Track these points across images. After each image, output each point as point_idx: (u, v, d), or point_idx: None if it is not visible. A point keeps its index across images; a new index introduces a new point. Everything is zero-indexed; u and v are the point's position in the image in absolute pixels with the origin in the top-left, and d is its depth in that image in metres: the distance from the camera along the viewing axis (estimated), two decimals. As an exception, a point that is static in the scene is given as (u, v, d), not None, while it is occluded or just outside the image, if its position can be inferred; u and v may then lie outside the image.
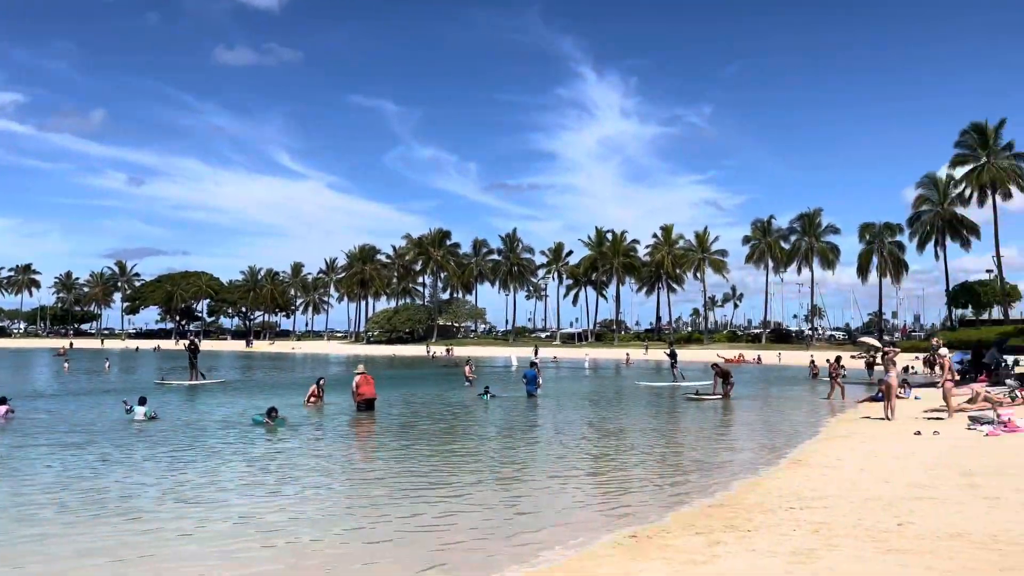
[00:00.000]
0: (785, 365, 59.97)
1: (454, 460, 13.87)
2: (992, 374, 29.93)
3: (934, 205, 76.01)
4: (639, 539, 7.91)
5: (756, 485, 10.99)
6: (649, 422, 20.80)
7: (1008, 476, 10.36)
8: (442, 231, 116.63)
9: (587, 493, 11.02)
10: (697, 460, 14.03)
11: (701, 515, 9.08)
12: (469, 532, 8.63)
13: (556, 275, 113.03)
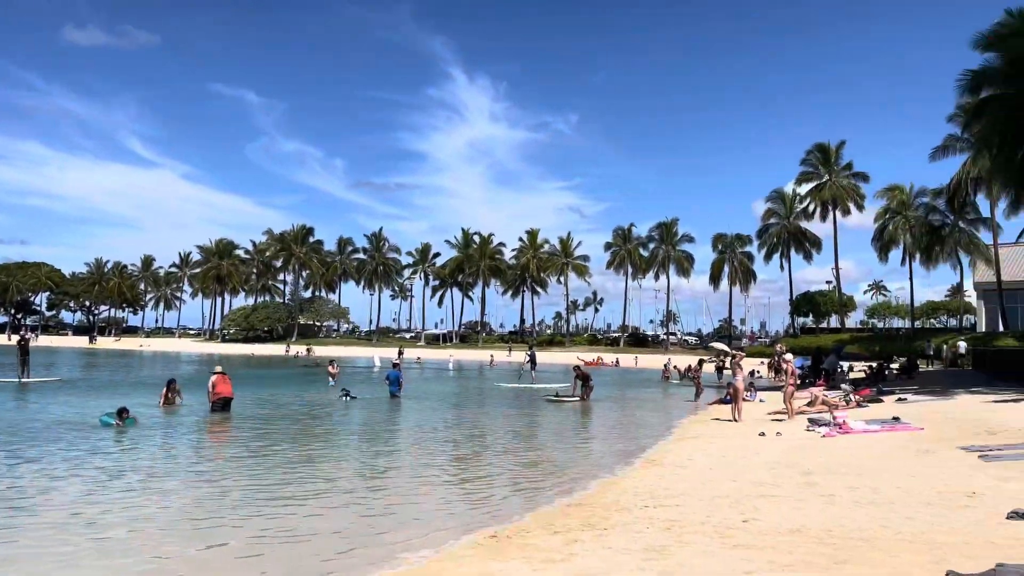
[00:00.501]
0: (642, 368, 62.04)
1: (313, 462, 13.54)
2: (830, 379, 31.99)
3: (781, 219, 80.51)
4: (499, 539, 7.96)
5: (613, 484, 11.29)
6: (510, 423, 21.01)
7: (841, 475, 11.06)
8: (305, 227, 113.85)
9: (449, 494, 11.01)
10: (557, 460, 14.29)
11: (560, 514, 9.24)
12: (327, 536, 8.45)
13: (422, 276, 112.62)
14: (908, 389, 28.07)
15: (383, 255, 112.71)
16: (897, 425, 16.92)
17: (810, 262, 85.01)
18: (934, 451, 12.95)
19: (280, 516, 9.28)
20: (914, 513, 8.35)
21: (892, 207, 66.40)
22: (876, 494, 9.54)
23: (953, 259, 63.65)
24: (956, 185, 54.70)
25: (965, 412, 19.09)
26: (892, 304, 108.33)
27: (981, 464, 11.42)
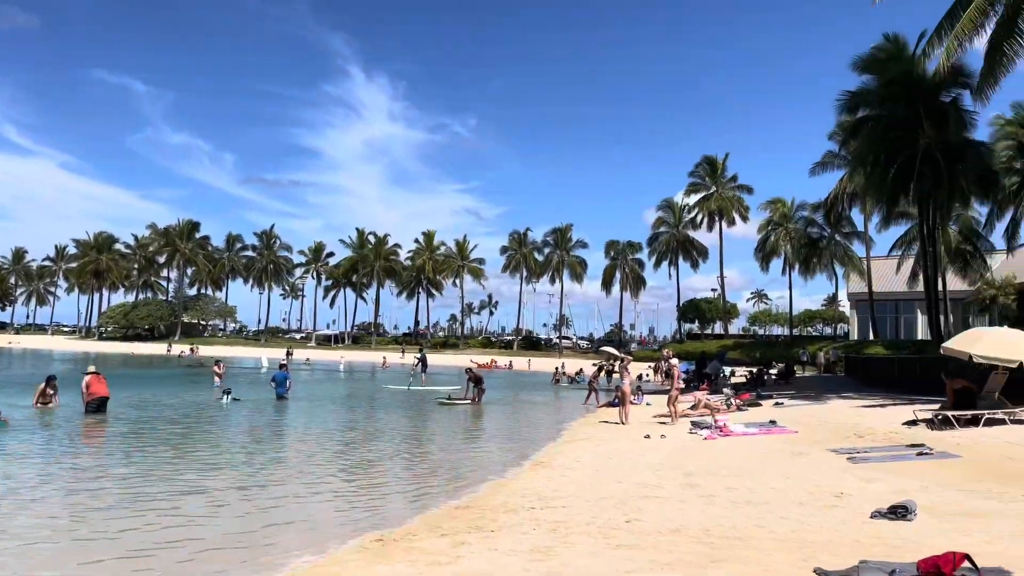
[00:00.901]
0: (535, 371, 62.63)
1: (193, 466, 13.08)
2: (712, 383, 33.08)
3: (670, 227, 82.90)
4: (385, 542, 7.89)
5: (502, 487, 11.36)
6: (401, 426, 20.85)
7: (720, 476, 11.46)
8: (192, 222, 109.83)
9: (336, 498, 10.83)
10: (447, 463, 14.28)
11: (448, 517, 9.23)
12: (209, 542, 8.18)
13: (315, 275, 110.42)
14: (785, 394, 29.37)
15: (274, 253, 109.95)
16: (774, 428, 17.67)
17: (697, 270, 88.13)
18: (807, 453, 13.58)
19: (157, 525, 8.91)
20: (787, 513, 8.72)
21: (774, 219, 69.34)
22: (752, 494, 9.92)
23: (829, 270, 67.09)
24: (833, 200, 57.60)
25: (836, 416, 20.11)
26: (772, 312, 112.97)
27: (849, 466, 12.05)
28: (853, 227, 62.79)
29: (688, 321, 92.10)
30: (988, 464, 11.76)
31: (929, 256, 37.78)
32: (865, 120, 36.94)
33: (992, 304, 45.06)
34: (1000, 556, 6.50)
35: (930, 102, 33.62)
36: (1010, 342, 17.10)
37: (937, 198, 34.71)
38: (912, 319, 59.94)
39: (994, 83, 27.25)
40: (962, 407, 16.44)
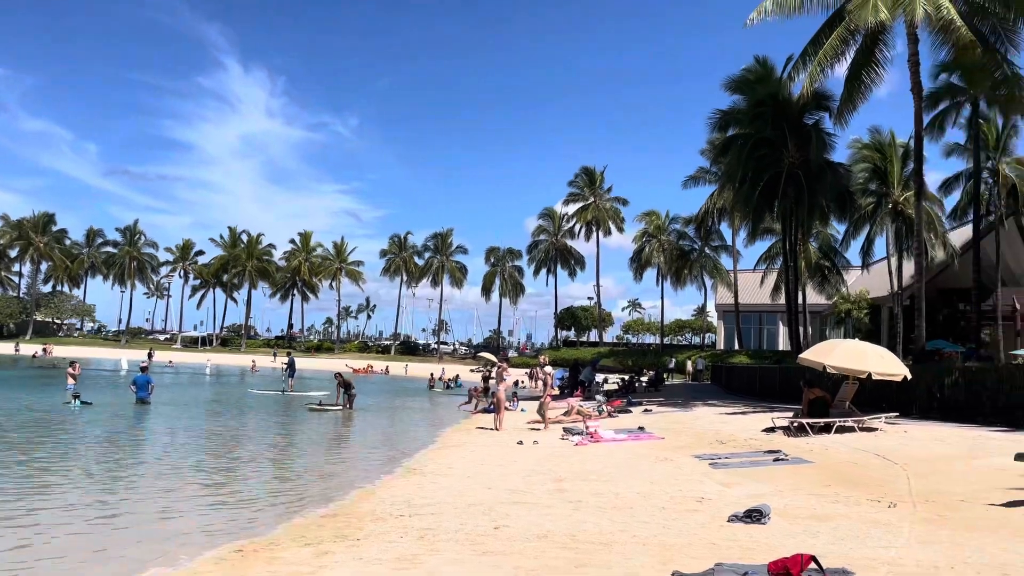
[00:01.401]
0: (412, 376, 62.17)
1: (39, 475, 12.26)
2: (586, 390, 33.71)
3: (550, 236, 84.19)
4: (245, 553, 7.60)
5: (371, 494, 11.16)
6: (268, 432, 20.26)
7: (589, 481, 11.65)
8: (47, 215, 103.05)
9: (197, 507, 10.36)
10: (316, 470, 13.93)
11: (313, 525, 8.99)
12: (54, 556, 7.66)
13: (182, 274, 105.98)
14: (654, 401, 30.23)
15: (137, 249, 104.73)
16: (642, 435, 18.14)
17: (574, 278, 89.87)
18: (672, 459, 13.99)
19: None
20: (650, 517, 8.93)
21: (649, 231, 71.49)
22: (619, 499, 10.12)
23: (699, 282, 69.81)
24: (704, 214, 59.97)
25: (701, 423, 20.83)
26: (645, 321, 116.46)
27: (711, 471, 12.48)
28: (722, 241, 65.64)
29: (565, 328, 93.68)
30: (837, 469, 12.42)
31: (791, 270, 39.78)
32: (735, 138, 38.60)
33: (847, 317, 47.87)
34: (844, 557, 6.85)
35: (795, 124, 35.46)
36: (861, 354, 18.14)
37: (799, 215, 36.61)
38: (774, 330, 63.03)
39: (852, 108, 29.04)
40: (816, 415, 17.32)
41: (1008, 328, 40.93)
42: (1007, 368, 21.19)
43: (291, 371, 36.34)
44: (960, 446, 14.36)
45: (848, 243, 46.51)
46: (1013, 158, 39.83)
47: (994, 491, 10.00)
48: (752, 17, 27.42)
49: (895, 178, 41.49)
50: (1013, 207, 40.81)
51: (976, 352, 30.78)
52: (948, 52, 26.74)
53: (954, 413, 19.39)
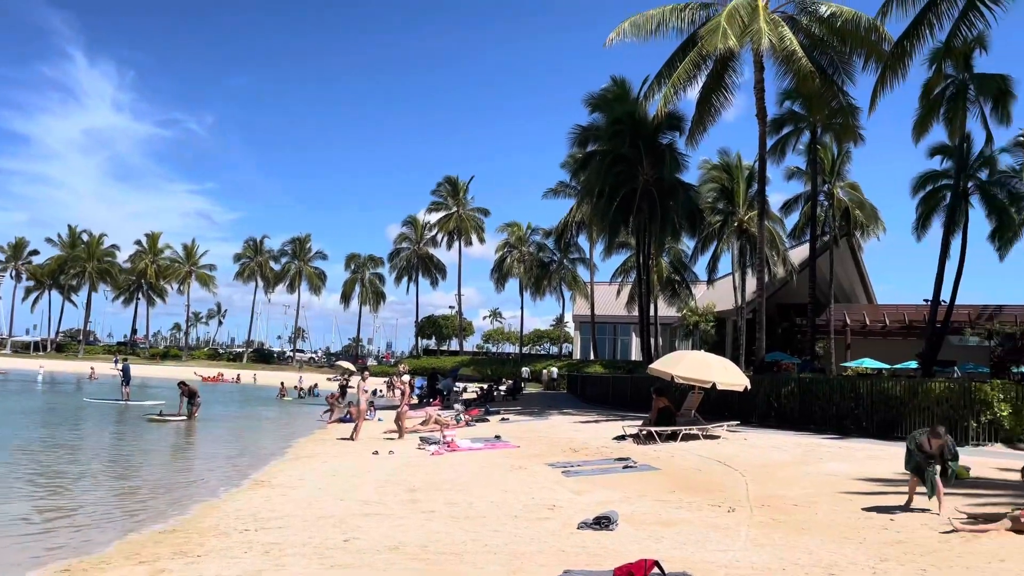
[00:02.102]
0: (264, 385, 60.22)
1: None
2: (445, 399, 33.67)
3: (412, 244, 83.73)
4: (72, 573, 7.11)
5: (214, 508, 10.67)
6: (107, 443, 19.09)
7: (444, 491, 11.60)
8: None
9: (22, 524, 9.61)
10: (155, 484, 13.19)
11: (150, 542, 8.50)
12: None
13: (14, 274, 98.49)
14: (512, 409, 30.56)
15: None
16: (498, 443, 18.26)
17: (436, 287, 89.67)
18: (526, 467, 14.14)
19: None
20: (502, 526, 8.98)
21: (510, 242, 72.39)
22: (472, 509, 10.12)
23: (558, 293, 71.27)
24: (563, 227, 61.27)
25: (556, 432, 21.20)
26: (505, 330, 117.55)
27: (563, 479, 12.70)
28: (581, 253, 67.25)
29: (426, 337, 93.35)
30: (681, 476, 12.91)
31: (644, 284, 41.21)
32: (593, 154, 39.72)
33: (695, 329, 50.11)
34: (685, 561, 7.11)
35: (650, 142, 36.82)
36: (706, 365, 19.00)
37: (652, 231, 38.02)
38: (628, 341, 65.11)
39: (703, 130, 30.51)
40: (664, 423, 17.97)
41: (839, 341, 44.02)
42: (837, 379, 22.75)
43: (126, 379, 33.94)
44: (794, 453, 15.25)
45: (697, 258, 48.81)
46: (846, 182, 42.96)
47: (824, 495, 10.67)
48: (611, 38, 28.32)
49: (741, 198, 43.85)
50: (846, 228, 43.96)
51: (811, 364, 32.86)
52: (791, 81, 28.59)
53: (790, 421, 20.61)
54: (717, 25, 25.28)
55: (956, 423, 16.65)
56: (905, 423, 17.67)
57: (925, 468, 9.26)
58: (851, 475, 12.25)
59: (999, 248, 36.97)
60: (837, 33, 27.19)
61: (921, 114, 28.45)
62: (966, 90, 28.88)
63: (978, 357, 40.13)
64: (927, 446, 9.30)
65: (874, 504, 9.80)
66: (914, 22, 21.77)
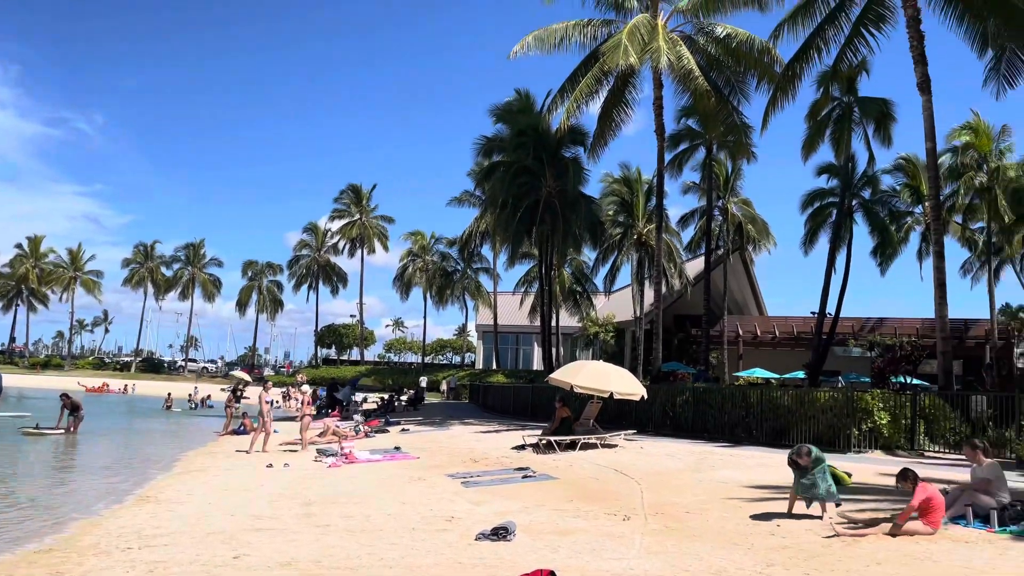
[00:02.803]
0: (155, 395, 57.87)
1: None
2: (344, 409, 33.07)
3: (313, 251, 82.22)
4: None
5: (95, 526, 10.15)
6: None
7: (340, 504, 11.37)
8: None
9: None
10: (30, 501, 12.45)
11: (22, 563, 8.02)
12: None
13: None
14: (413, 420, 30.30)
15: None
16: (397, 454, 18.06)
17: (337, 295, 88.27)
18: (425, 478, 14.02)
19: None
20: (399, 539, 8.85)
21: (414, 250, 71.98)
22: (368, 522, 9.95)
23: (461, 302, 71.16)
24: (468, 236, 61.32)
25: (457, 442, 21.11)
26: (408, 340, 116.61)
27: (462, 490, 12.64)
28: (484, 263, 67.40)
29: (326, 346, 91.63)
30: (579, 485, 13.04)
31: (546, 294, 41.63)
32: (498, 165, 39.95)
33: (595, 339, 50.88)
34: (581, 570, 7.17)
35: (553, 155, 37.32)
36: (604, 374, 19.29)
37: (555, 242, 38.48)
38: (530, 350, 65.57)
39: (604, 144, 31.15)
40: (563, 432, 18.14)
41: (732, 351, 45.48)
42: (729, 389, 23.48)
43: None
44: (688, 461, 15.63)
45: (598, 270, 49.54)
46: (740, 198, 44.51)
47: (715, 503, 10.96)
48: (515, 50, 28.60)
49: (640, 211, 44.91)
50: (739, 242, 45.51)
51: (705, 373, 33.82)
52: (688, 98, 29.50)
53: (685, 430, 21.14)
54: (618, 42, 25.85)
55: (839, 431, 17.42)
56: (793, 431, 18.37)
57: (799, 481, 9.63)
58: (741, 482, 12.62)
59: (880, 263, 39.14)
60: (732, 54, 28.20)
61: (809, 134, 29.80)
62: (851, 112, 30.47)
63: (860, 367, 42.12)
64: (800, 462, 9.68)
65: (762, 511, 10.12)
66: (804, 46, 22.75)
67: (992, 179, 37.65)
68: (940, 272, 21.12)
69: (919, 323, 40.67)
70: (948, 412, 17.52)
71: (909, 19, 20.91)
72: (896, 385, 25.88)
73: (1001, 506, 9.01)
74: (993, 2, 19.58)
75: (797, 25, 22.91)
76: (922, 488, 8.58)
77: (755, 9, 26.50)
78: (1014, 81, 20.81)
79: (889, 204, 38.96)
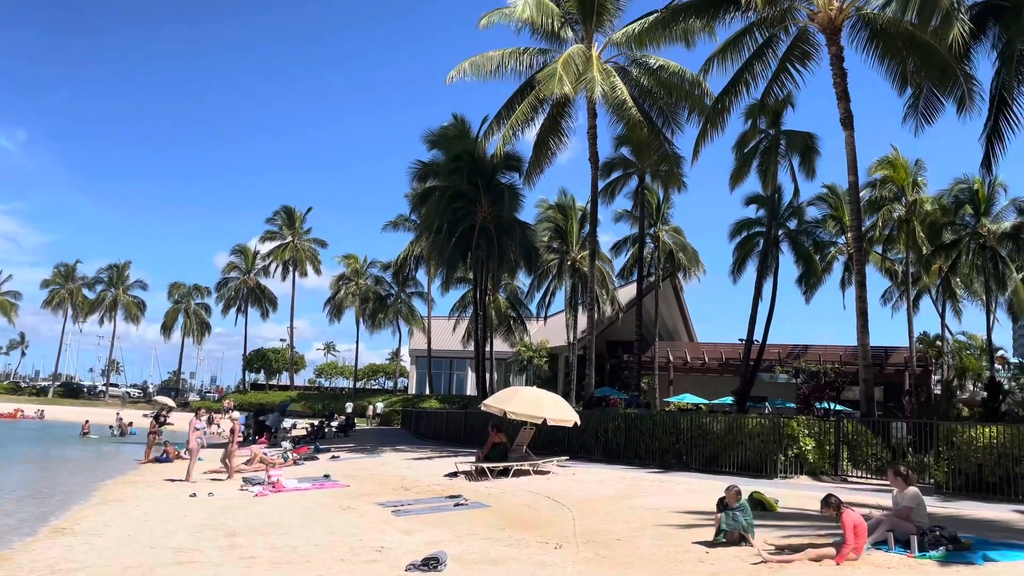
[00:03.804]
0: (73, 421, 55.71)
1: None
2: (272, 436, 32.35)
3: (242, 273, 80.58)
4: None
5: (6, 559, 9.69)
6: None
7: (267, 535, 11.07)
8: None
9: None
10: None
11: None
12: None
13: None
14: (344, 447, 29.76)
15: None
16: (327, 482, 17.71)
17: (267, 319, 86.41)
18: (355, 507, 13.76)
19: None
20: (327, 570, 8.66)
21: (347, 274, 71.13)
22: (295, 553, 9.71)
23: (394, 326, 70.41)
24: (402, 260, 60.90)
25: (388, 469, 20.81)
26: (339, 364, 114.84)
27: (393, 518, 12.45)
28: (419, 287, 66.94)
29: (254, 371, 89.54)
30: (512, 512, 12.96)
31: (480, 319, 41.55)
32: (433, 189, 39.87)
33: (529, 365, 50.91)
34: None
35: (489, 180, 37.43)
36: (537, 400, 19.28)
37: (490, 267, 38.50)
38: (464, 376, 65.18)
39: (539, 171, 31.41)
40: (496, 458, 18.02)
41: (663, 377, 46.06)
42: (660, 415, 23.71)
43: None
44: (619, 487, 15.70)
45: (532, 295, 49.71)
46: (671, 226, 45.30)
47: (646, 529, 11.01)
48: (452, 75, 28.69)
49: (574, 238, 45.34)
50: (670, 270, 46.26)
51: (637, 399, 34.11)
52: (622, 128, 29.99)
53: (617, 456, 21.23)
54: (554, 71, 26.13)
55: (766, 457, 17.72)
56: (723, 457, 18.63)
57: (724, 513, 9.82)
58: (672, 508, 12.72)
59: (805, 291, 40.28)
60: (664, 85, 28.78)
61: (737, 165, 30.53)
62: (778, 144, 31.35)
63: (786, 394, 43.07)
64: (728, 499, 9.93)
65: (693, 537, 10.19)
66: (733, 79, 23.33)
67: (909, 211, 39.21)
68: (862, 301, 21.76)
69: (842, 350, 41.82)
70: (870, 438, 17.99)
71: (833, 56, 21.66)
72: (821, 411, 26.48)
73: (921, 531, 9.25)
74: (912, 43, 20.38)
75: (727, 59, 23.47)
76: (847, 515, 8.77)
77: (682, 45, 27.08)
78: (931, 118, 21.63)
79: (813, 234, 40.20)
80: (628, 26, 28.18)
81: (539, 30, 28.96)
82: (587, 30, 28.87)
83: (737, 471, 17.93)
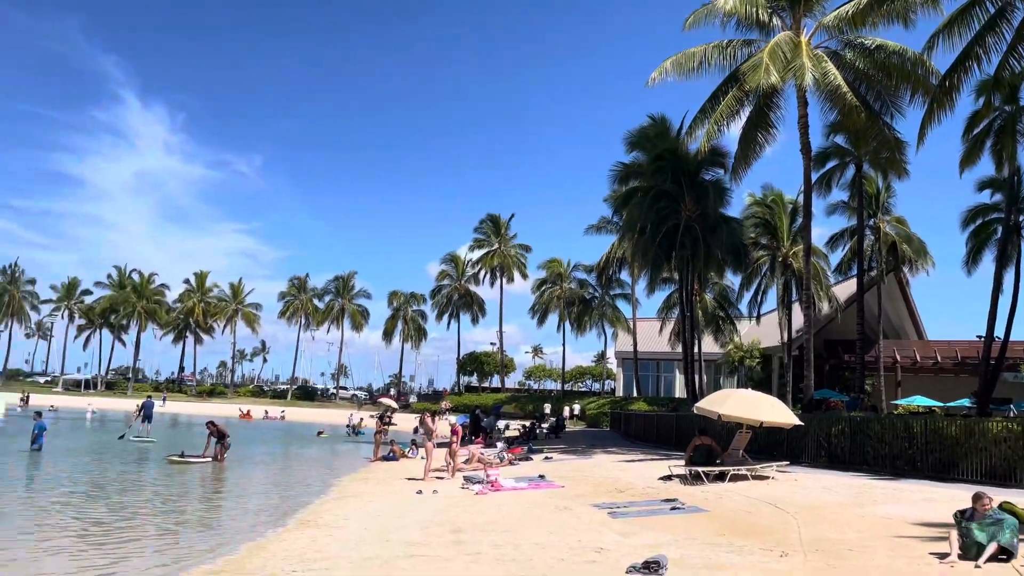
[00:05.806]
0: (309, 422, 60.53)
1: None
2: (487, 437, 33.51)
3: (453, 281, 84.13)
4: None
5: (261, 548, 10.70)
6: (153, 481, 19.26)
7: (489, 532, 11.48)
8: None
9: (72, 563, 9.72)
10: (203, 524, 13.33)
11: (199, 583, 8.55)
12: None
13: (67, 314, 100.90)
14: (555, 448, 30.31)
15: (18, 287, 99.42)
16: (542, 483, 18.08)
17: (477, 324, 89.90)
18: (571, 508, 13.95)
19: None
20: (549, 569, 8.84)
21: (551, 278, 72.38)
22: (517, 551, 9.99)
23: (599, 329, 70.74)
24: (605, 262, 61.15)
25: (600, 471, 20.92)
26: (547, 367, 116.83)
27: (609, 520, 12.49)
28: (623, 289, 66.85)
29: (467, 374, 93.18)
30: (731, 518, 12.62)
31: (687, 320, 40.82)
32: (635, 190, 39.70)
33: (740, 366, 49.37)
34: (739, 608, 6.90)
35: (692, 178, 36.76)
36: (753, 403, 18.66)
37: (695, 267, 37.76)
38: (671, 377, 64.27)
39: (746, 165, 30.32)
40: (700, 462, 17.55)
41: (889, 378, 43.01)
42: (889, 418, 22.17)
43: (147, 416, 32.29)
44: (847, 494, 14.84)
45: (742, 294, 48.15)
46: (893, 217, 42.28)
47: (880, 539, 10.34)
48: (653, 77, 28.42)
49: (784, 233, 43.41)
50: (893, 263, 43.16)
51: (860, 401, 32.12)
52: (835, 115, 28.38)
53: (841, 462, 20.11)
54: (759, 62, 25.26)
55: (1015, 465, 16.09)
56: (962, 464, 17.13)
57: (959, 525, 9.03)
58: (907, 518, 11.86)
59: (1054, 282, 36.07)
60: (882, 67, 26.94)
61: (968, 147, 28.02)
62: (1015, 122, 28.39)
63: (1035, 395, 38.97)
64: (978, 509, 9.11)
65: (934, 550, 9.46)
66: (961, 55, 21.44)
67: None
68: None
69: (1103, 345, 37.26)
70: None
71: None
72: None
73: None
74: None
75: (953, 34, 21.62)
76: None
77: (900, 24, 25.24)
78: None
79: (1063, 218, 36.03)
80: (840, 8, 26.71)
81: (744, 21, 28.08)
82: (795, 16, 27.66)
83: (979, 479, 16.40)
